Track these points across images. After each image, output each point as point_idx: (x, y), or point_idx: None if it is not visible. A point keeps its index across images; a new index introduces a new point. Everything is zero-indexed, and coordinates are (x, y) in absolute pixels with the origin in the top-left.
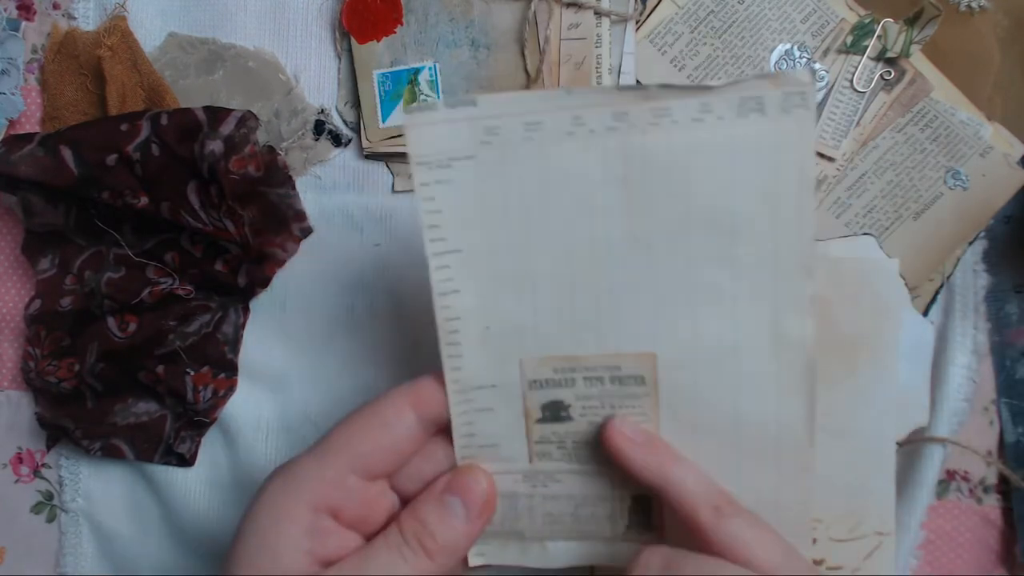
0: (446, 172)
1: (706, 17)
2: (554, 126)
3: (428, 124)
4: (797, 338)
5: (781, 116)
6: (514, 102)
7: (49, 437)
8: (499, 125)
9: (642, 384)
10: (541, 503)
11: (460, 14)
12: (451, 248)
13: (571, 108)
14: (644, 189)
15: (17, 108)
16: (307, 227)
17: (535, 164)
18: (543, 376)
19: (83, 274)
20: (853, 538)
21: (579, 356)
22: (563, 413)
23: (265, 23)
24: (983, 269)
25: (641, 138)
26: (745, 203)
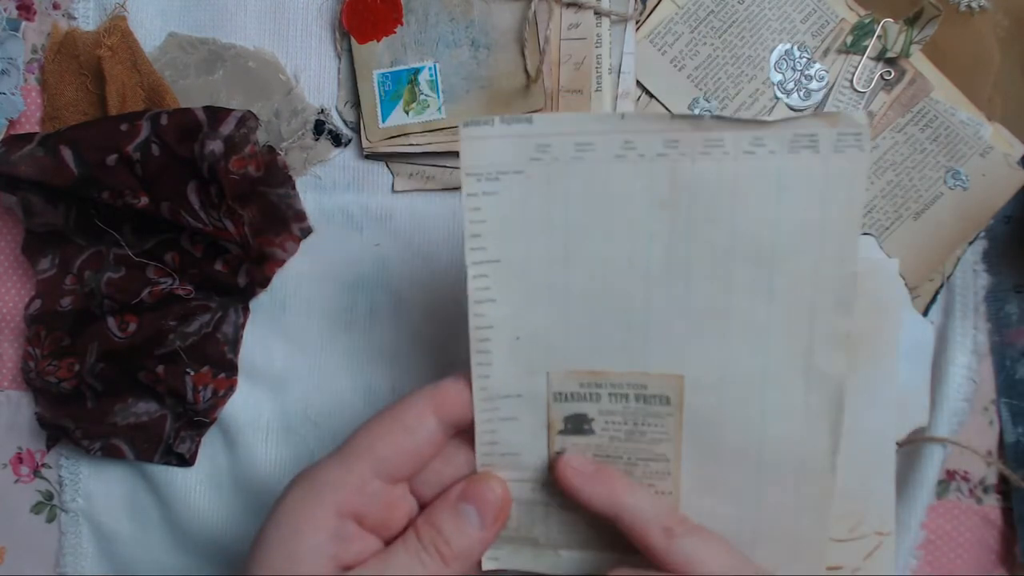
0: (494, 185)
1: (706, 17)
2: (605, 148)
3: (483, 138)
4: (829, 372)
5: (833, 155)
6: (568, 122)
7: (49, 437)
8: (551, 143)
9: (667, 404)
10: (557, 512)
11: (460, 14)
12: (491, 258)
13: (623, 132)
14: (689, 215)
15: (17, 108)
16: (307, 227)
17: (582, 183)
18: (569, 389)
19: (83, 274)
20: (853, 538)
21: (606, 371)
22: (586, 426)
23: (265, 23)
24: (983, 269)
25: (691, 166)
26: (789, 237)
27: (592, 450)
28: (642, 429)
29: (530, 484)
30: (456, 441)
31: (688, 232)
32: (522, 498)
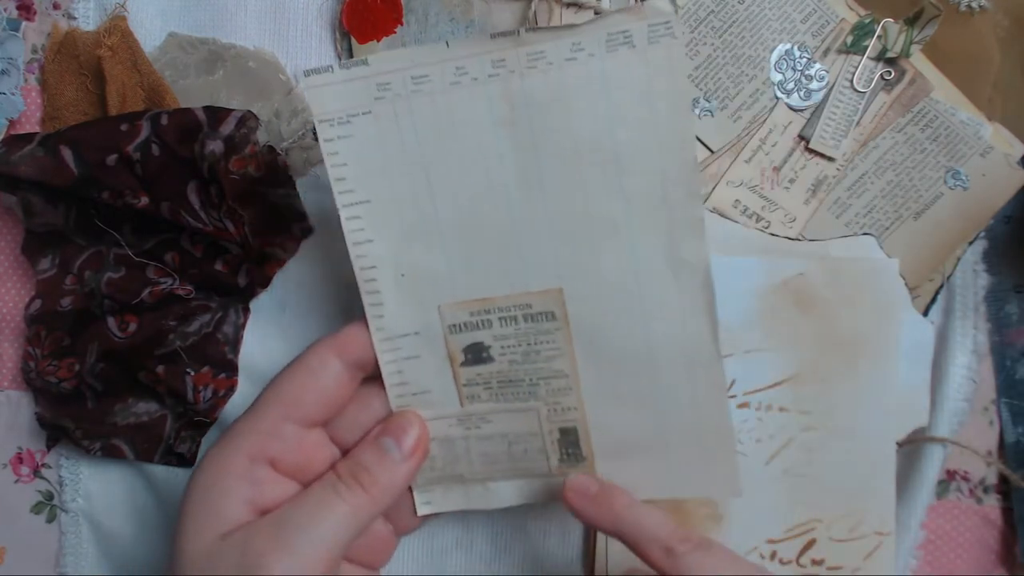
0: (347, 128)
1: (706, 17)
2: (439, 77)
3: (326, 85)
4: (693, 260)
5: (649, 47)
6: (401, 58)
7: (49, 437)
8: (390, 81)
9: (553, 320)
10: (476, 444)
11: (460, 14)
12: (360, 199)
13: (453, 59)
14: (530, 130)
15: (17, 108)
16: (307, 227)
17: (427, 114)
18: (461, 320)
19: (83, 274)
20: (853, 538)
21: (492, 298)
22: (484, 354)
23: (265, 23)
24: (983, 269)
25: (521, 82)
26: (627, 135)
27: (495, 376)
28: (536, 348)
29: (446, 420)
30: (371, 387)
31: (533, 146)
32: (441, 435)
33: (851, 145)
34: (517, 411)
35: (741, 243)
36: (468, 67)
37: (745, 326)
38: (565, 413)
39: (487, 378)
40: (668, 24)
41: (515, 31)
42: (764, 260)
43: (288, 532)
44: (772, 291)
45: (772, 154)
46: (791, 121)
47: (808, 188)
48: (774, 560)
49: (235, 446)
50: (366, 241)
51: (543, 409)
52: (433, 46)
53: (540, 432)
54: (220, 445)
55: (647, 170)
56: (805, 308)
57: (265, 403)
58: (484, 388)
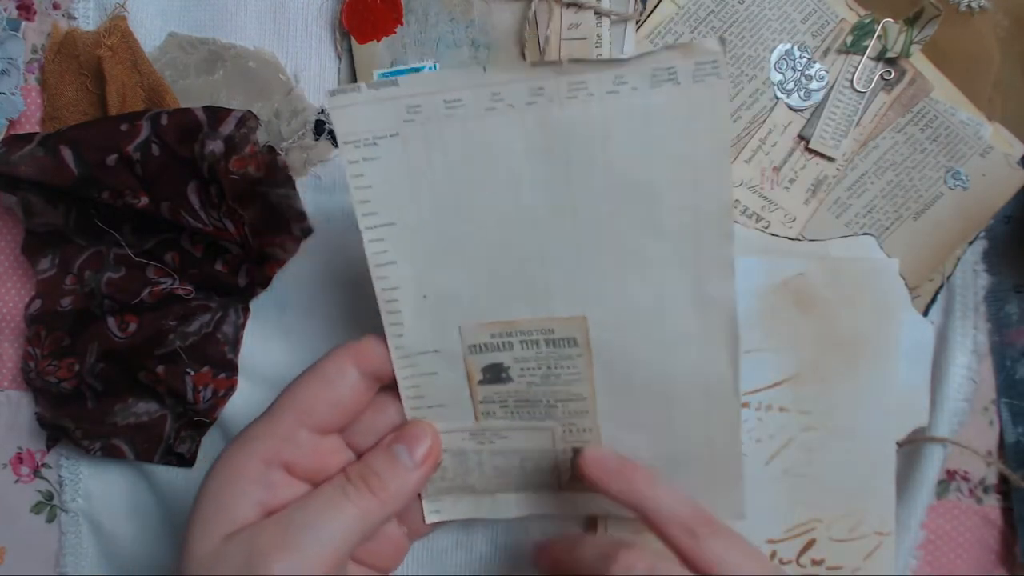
0: (373, 150)
1: (706, 17)
2: (474, 102)
3: (353, 105)
4: (720, 299)
5: (694, 85)
6: (434, 81)
7: (49, 437)
8: (420, 104)
9: (575, 346)
10: (489, 458)
11: (460, 14)
12: (384, 222)
13: (490, 85)
14: (565, 159)
15: (17, 108)
16: (307, 227)
17: (458, 139)
18: (481, 341)
19: (83, 274)
20: (853, 538)
21: (515, 320)
22: (503, 375)
23: (265, 23)
24: (983, 269)
25: (559, 111)
26: (663, 171)
27: (512, 396)
28: (556, 372)
29: (460, 434)
30: (388, 394)
31: (567, 176)
32: (455, 448)
33: (851, 145)
34: (532, 429)
35: (741, 243)
36: (504, 94)
37: (745, 326)
38: (580, 434)
39: (504, 397)
40: (715, 63)
41: (558, 61)
42: (764, 260)
43: (293, 531)
44: (772, 291)
45: (772, 154)
46: (791, 121)
47: (808, 188)
48: (774, 560)
49: (250, 450)
50: (389, 263)
51: (558, 429)
52: (469, 70)
53: (553, 450)
54: (234, 448)
55: (682, 207)
56: (805, 308)
57: (281, 409)
58: (500, 406)
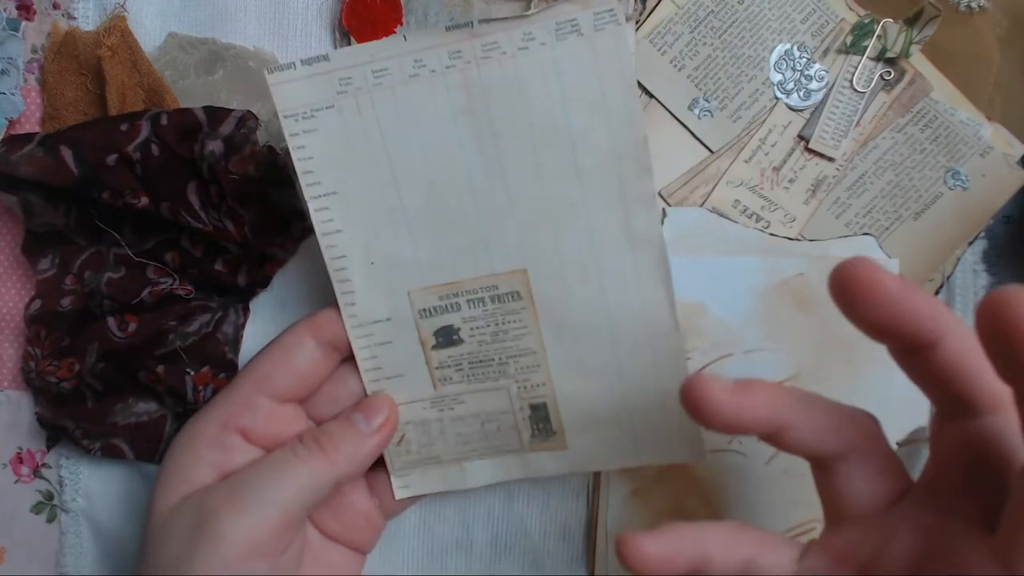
0: (311, 122)
1: (706, 17)
2: (398, 70)
3: (289, 81)
4: (648, 233)
5: (596, 34)
6: (361, 52)
7: (49, 437)
8: (351, 76)
9: (519, 299)
10: (451, 425)
11: (460, 14)
12: (327, 191)
13: (410, 52)
14: (488, 118)
15: (17, 108)
16: (307, 227)
17: (388, 106)
18: (430, 304)
19: (83, 274)
20: None
21: (459, 281)
22: (455, 336)
23: (265, 23)
24: (983, 269)
25: (477, 72)
26: (579, 118)
27: (466, 358)
28: (504, 328)
29: (420, 404)
30: (349, 366)
31: (492, 133)
32: (417, 419)
33: (851, 145)
34: (488, 390)
35: (741, 243)
36: (426, 59)
37: (745, 326)
38: (534, 390)
39: (458, 360)
40: (612, 12)
41: (469, 23)
42: (764, 260)
43: (241, 490)
44: (772, 291)
45: (772, 154)
46: (791, 121)
47: (808, 188)
48: None
49: (208, 416)
50: (335, 231)
51: (513, 387)
52: (391, 40)
53: (511, 409)
54: (195, 416)
55: (600, 150)
56: (805, 308)
57: (240, 377)
58: (456, 370)
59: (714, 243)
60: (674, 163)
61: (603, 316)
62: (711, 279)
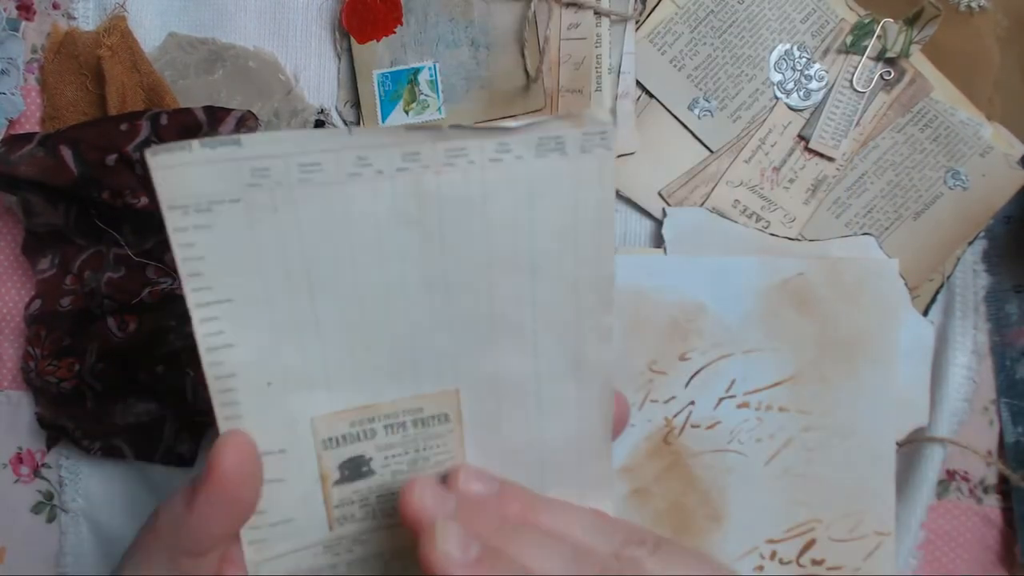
0: (206, 217)
1: (706, 17)
2: (335, 167)
3: (181, 166)
4: (596, 363)
5: (581, 156)
6: (286, 142)
7: (49, 437)
8: (269, 167)
9: (446, 422)
10: (347, 569)
11: (460, 14)
12: (219, 298)
13: (355, 148)
14: (440, 231)
15: (17, 108)
16: None
17: (316, 207)
18: (339, 432)
19: (83, 274)
20: (853, 538)
21: (376, 404)
22: (364, 468)
23: (265, 23)
24: (983, 269)
25: (434, 179)
26: (546, 243)
27: (375, 491)
28: (425, 455)
29: (311, 551)
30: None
31: (441, 248)
32: (304, 569)
33: (851, 145)
34: (398, 526)
35: (741, 243)
36: (372, 158)
37: (745, 326)
38: None
39: (364, 495)
40: (604, 134)
41: (438, 126)
42: (764, 260)
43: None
44: (772, 291)
45: (772, 154)
46: (791, 121)
47: (808, 188)
48: (774, 560)
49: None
50: (224, 346)
51: None
52: (330, 131)
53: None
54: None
55: (562, 278)
56: (805, 308)
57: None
58: (360, 506)
59: (714, 243)
60: (674, 163)
61: (536, 441)
62: (711, 279)
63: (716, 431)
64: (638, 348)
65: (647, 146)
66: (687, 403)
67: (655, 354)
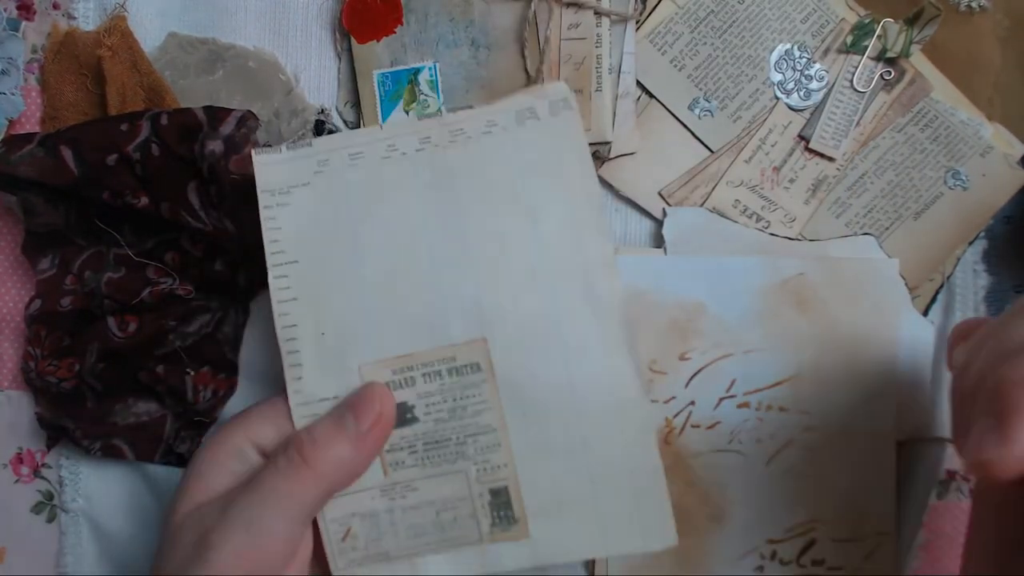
0: (286, 197)
1: (706, 17)
2: (372, 154)
3: (274, 163)
4: (609, 299)
5: (552, 119)
6: (340, 140)
7: (49, 437)
8: (329, 158)
9: (479, 371)
10: (402, 516)
11: (460, 14)
12: (289, 259)
13: (385, 139)
14: (453, 190)
15: (17, 108)
16: None
17: (359, 184)
18: (383, 379)
19: (83, 274)
20: (853, 538)
21: (414, 353)
22: (408, 415)
23: (265, 23)
24: (983, 269)
25: (444, 153)
26: (538, 189)
27: (421, 439)
28: (463, 403)
29: (368, 493)
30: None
31: (455, 202)
32: (364, 510)
33: (851, 145)
34: (445, 475)
35: (741, 243)
36: (398, 144)
37: (745, 326)
38: (495, 472)
39: (412, 441)
40: (566, 100)
41: (439, 113)
42: (764, 260)
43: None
44: (772, 291)
45: (772, 154)
46: (791, 121)
47: (808, 188)
48: (774, 560)
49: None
50: (290, 299)
51: (472, 470)
52: (369, 129)
53: (469, 495)
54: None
55: (558, 216)
56: (805, 308)
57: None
58: (409, 452)
59: (714, 243)
60: (674, 163)
61: (566, 388)
62: (711, 279)
63: (716, 431)
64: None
65: (647, 146)
66: (687, 403)
67: (655, 354)
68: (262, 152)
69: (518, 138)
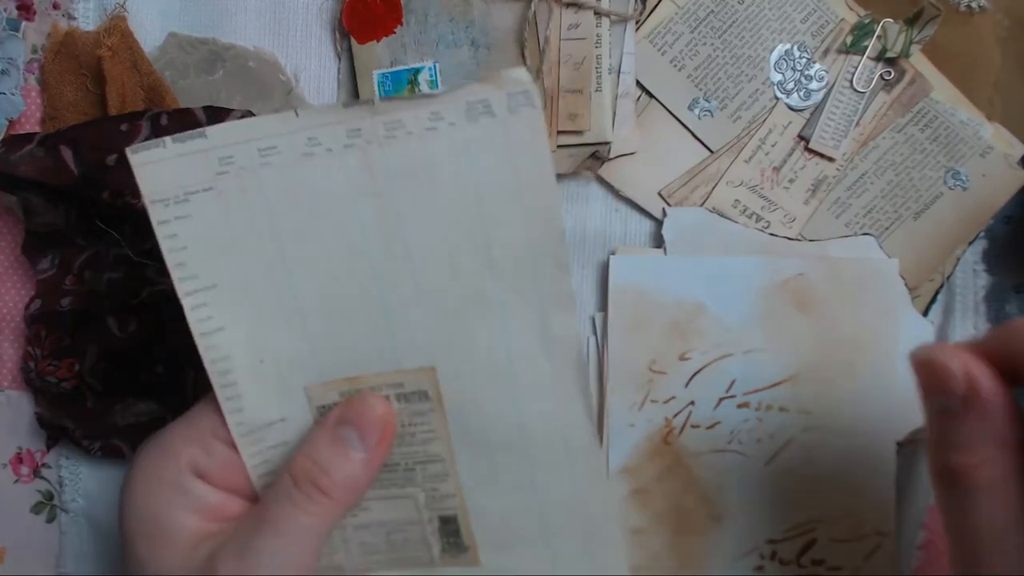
0: (184, 207)
1: (706, 17)
2: (289, 148)
3: (157, 161)
4: (564, 337)
5: (510, 117)
6: (244, 129)
7: (49, 437)
8: (233, 154)
9: (426, 400)
10: (354, 533)
11: (460, 14)
12: (205, 285)
13: (303, 129)
14: (394, 200)
15: (17, 108)
16: None
17: (278, 187)
18: (330, 401)
19: (83, 274)
20: (853, 538)
21: (362, 376)
22: None
23: (265, 23)
24: (983, 269)
25: (380, 151)
26: (493, 206)
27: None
28: (411, 430)
29: None
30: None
31: (398, 217)
32: None
33: (851, 145)
34: (395, 498)
35: (741, 243)
36: (320, 137)
37: (745, 326)
38: (444, 500)
39: None
40: (527, 93)
41: (369, 100)
42: (764, 260)
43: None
44: (772, 291)
45: (772, 154)
46: (791, 121)
47: (808, 188)
48: (774, 560)
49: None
50: (215, 330)
51: (420, 496)
52: (280, 115)
53: (420, 520)
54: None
55: (515, 243)
56: (805, 308)
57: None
58: None
59: (714, 243)
60: (674, 163)
61: (515, 427)
62: (711, 279)
63: (716, 431)
64: (638, 348)
65: (647, 146)
66: (687, 403)
67: (655, 354)
68: (140, 149)
69: (469, 138)
